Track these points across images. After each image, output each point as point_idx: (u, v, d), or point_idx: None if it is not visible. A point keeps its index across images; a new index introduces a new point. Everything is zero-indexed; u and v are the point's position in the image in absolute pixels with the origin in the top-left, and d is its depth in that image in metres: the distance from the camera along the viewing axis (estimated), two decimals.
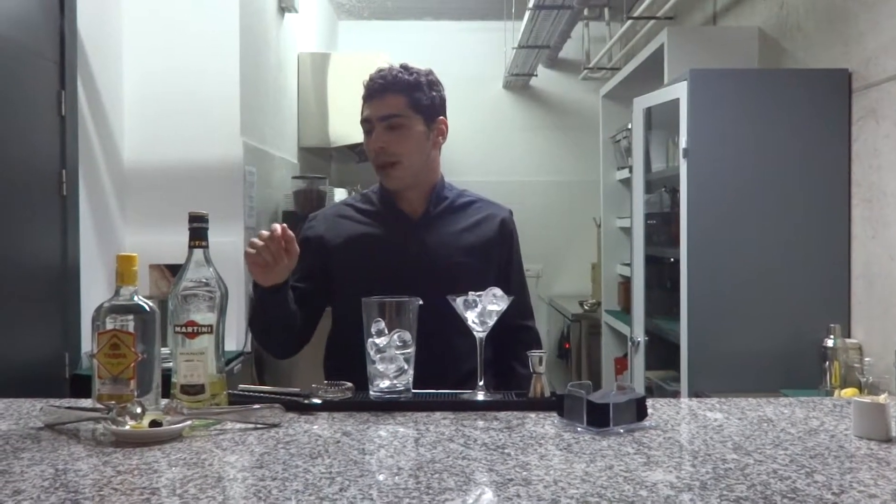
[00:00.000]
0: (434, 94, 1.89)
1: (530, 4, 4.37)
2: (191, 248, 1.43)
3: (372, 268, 1.86)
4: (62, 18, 2.83)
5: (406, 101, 1.84)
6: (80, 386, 2.75)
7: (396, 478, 1.08)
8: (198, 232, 1.44)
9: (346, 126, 4.52)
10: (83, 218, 2.94)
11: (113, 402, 1.31)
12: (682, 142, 2.97)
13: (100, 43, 3.13)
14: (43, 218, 2.73)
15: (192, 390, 1.37)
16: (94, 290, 2.96)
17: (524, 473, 1.09)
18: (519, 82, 5.98)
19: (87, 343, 2.90)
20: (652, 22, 4.46)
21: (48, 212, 2.75)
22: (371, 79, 1.87)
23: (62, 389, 2.78)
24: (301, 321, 1.84)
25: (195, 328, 1.37)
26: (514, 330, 1.93)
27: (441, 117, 1.92)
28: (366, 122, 1.87)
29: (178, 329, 1.38)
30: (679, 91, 3.02)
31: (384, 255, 1.87)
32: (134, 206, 3.33)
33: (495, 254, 1.94)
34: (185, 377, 1.37)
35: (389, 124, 1.83)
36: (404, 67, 1.88)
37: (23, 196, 2.60)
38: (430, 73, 1.92)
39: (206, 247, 1.44)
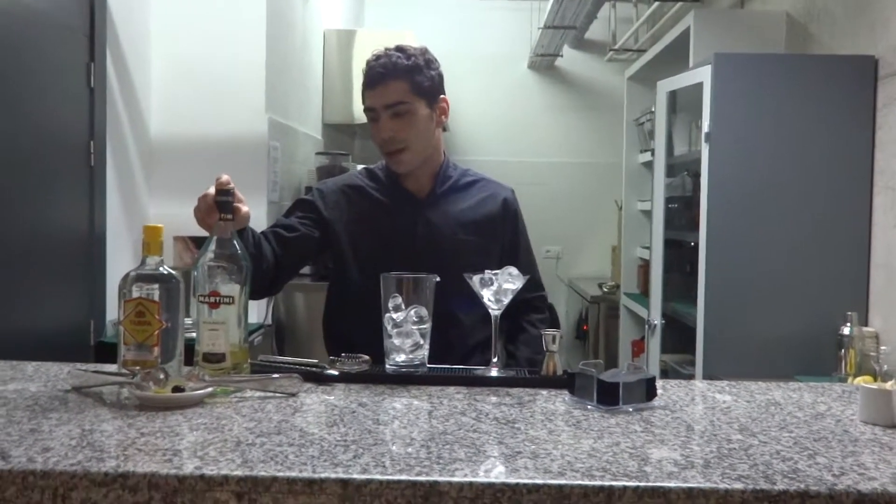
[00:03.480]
0: (433, 73, 1.90)
1: None
2: (218, 220, 1.47)
3: (379, 245, 1.89)
4: None
5: (408, 86, 1.85)
6: (105, 353, 2.81)
7: (409, 448, 1.11)
8: (223, 206, 1.48)
9: None
10: (110, 189, 3.00)
11: (137, 367, 1.36)
12: (705, 126, 2.97)
13: (129, 17, 3.17)
14: (71, 188, 2.78)
15: (214, 358, 1.41)
16: (119, 260, 3.01)
17: (532, 447, 1.12)
18: (544, 63, 5.96)
19: (112, 311, 2.96)
20: (679, 4, 4.43)
21: (76, 182, 2.81)
22: (370, 66, 1.86)
23: (87, 356, 2.84)
24: (272, 265, 1.80)
25: (218, 298, 1.41)
26: (525, 301, 1.96)
27: (442, 96, 1.94)
28: (370, 111, 1.88)
29: (202, 299, 1.42)
30: (703, 75, 3.01)
31: (392, 233, 1.90)
32: (160, 179, 3.38)
33: (499, 231, 1.98)
34: (208, 346, 1.41)
35: (395, 111, 1.84)
36: (400, 50, 1.87)
37: (52, 166, 2.65)
38: (426, 51, 1.92)
39: (232, 220, 1.48)
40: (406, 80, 1.84)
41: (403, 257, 1.73)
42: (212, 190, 1.55)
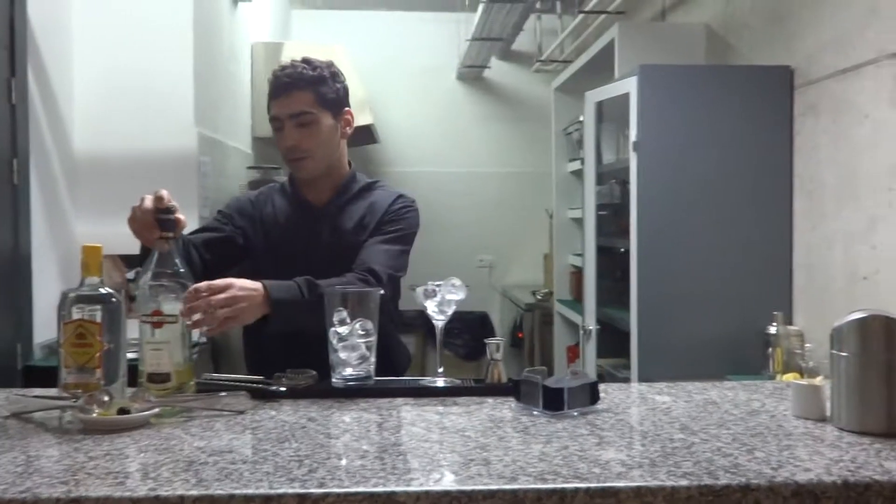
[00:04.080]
0: (338, 85, 1.95)
1: None
2: (157, 239, 1.46)
3: (279, 254, 1.93)
4: (12, 4, 2.79)
5: (313, 96, 1.89)
6: (34, 377, 2.72)
7: (363, 460, 1.12)
8: (165, 224, 1.46)
9: None
10: (34, 207, 2.91)
11: (80, 390, 1.33)
12: (633, 135, 3.05)
13: (50, 29, 3.09)
14: None
15: (159, 378, 1.40)
16: (45, 281, 2.93)
17: (484, 454, 1.15)
18: (472, 74, 6.03)
19: (39, 334, 2.87)
20: (603, 16, 4.54)
21: (0, 201, 2.72)
22: (276, 76, 1.91)
23: (14, 381, 2.75)
24: (200, 271, 1.80)
25: (161, 318, 1.39)
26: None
27: (347, 108, 1.98)
28: (275, 120, 1.92)
29: (144, 319, 1.40)
30: (629, 86, 3.09)
31: (289, 242, 1.94)
32: (86, 196, 3.29)
33: (374, 227, 1.96)
34: (152, 366, 1.40)
35: (299, 121, 1.89)
36: (307, 62, 1.92)
37: None
38: (331, 64, 1.97)
39: (172, 238, 1.46)
40: (311, 91, 1.89)
41: (301, 263, 1.77)
42: (148, 202, 1.54)
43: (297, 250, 1.92)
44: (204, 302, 1.47)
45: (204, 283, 1.49)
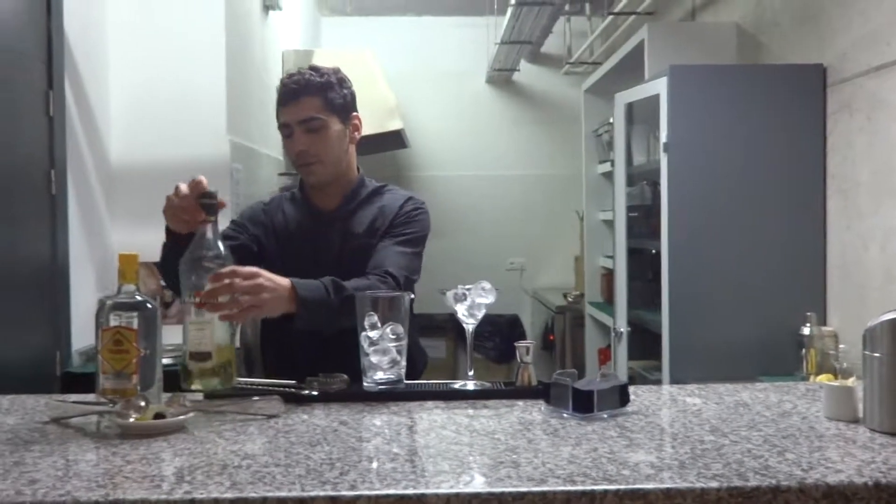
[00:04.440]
0: (345, 91, 1.97)
1: (513, 0, 4.42)
2: (200, 223, 1.52)
3: (292, 261, 1.94)
4: (48, 18, 2.85)
5: (321, 102, 1.92)
6: (72, 383, 2.78)
7: (393, 463, 1.13)
8: (207, 208, 1.52)
9: None
10: (72, 217, 2.97)
11: (116, 396, 1.36)
12: (663, 136, 3.04)
13: (86, 43, 3.15)
14: (32, 217, 2.75)
15: (200, 357, 1.45)
16: (83, 289, 2.99)
17: (513, 457, 1.15)
18: (501, 77, 6.04)
19: (77, 341, 2.93)
20: (632, 17, 4.52)
21: (38, 211, 2.78)
22: (284, 84, 1.95)
23: (53, 387, 2.81)
24: None
25: (215, 311, 1.45)
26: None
27: (354, 113, 2.01)
28: (284, 127, 1.94)
29: (187, 299, 1.45)
30: (659, 87, 3.08)
31: (301, 248, 1.96)
32: (122, 205, 3.36)
33: (386, 229, 1.96)
34: (194, 344, 1.45)
35: (308, 127, 1.91)
36: (314, 69, 1.96)
37: (12, 196, 2.63)
38: (338, 71, 2.00)
39: (215, 222, 1.53)
40: (319, 97, 1.92)
41: (312, 270, 1.77)
42: (184, 188, 1.58)
43: (308, 256, 1.94)
44: (227, 287, 1.48)
45: (229, 268, 1.50)
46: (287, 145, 1.97)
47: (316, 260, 1.93)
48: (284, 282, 1.62)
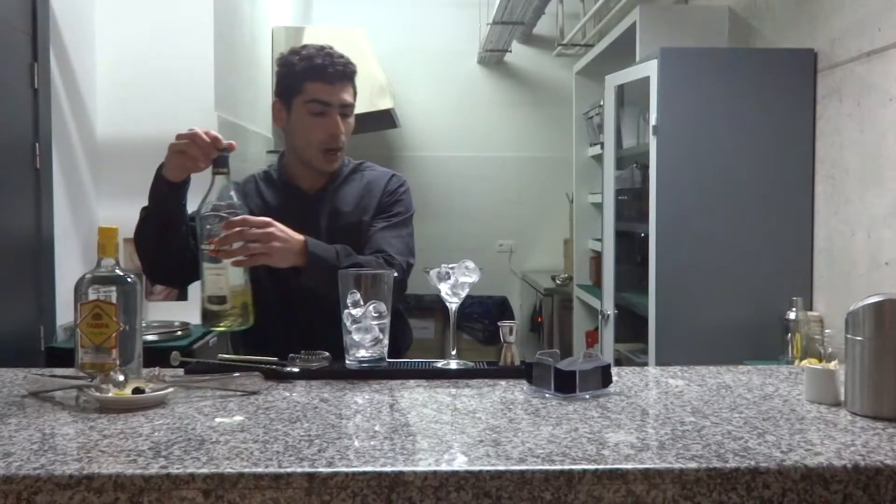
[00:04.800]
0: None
1: None
2: (214, 174, 1.59)
3: None
4: None
5: (353, 90, 1.92)
6: (56, 358, 2.77)
7: (373, 440, 1.13)
8: (220, 160, 1.59)
9: None
10: (56, 191, 2.94)
11: (95, 370, 1.35)
12: (653, 119, 3.03)
13: (72, 15, 3.11)
14: (17, 191, 2.73)
15: (217, 300, 1.55)
16: (68, 264, 2.96)
17: (494, 436, 1.15)
18: (493, 58, 6.00)
19: (61, 316, 2.91)
20: None
21: (22, 185, 2.75)
22: (329, 61, 1.85)
23: (37, 362, 2.79)
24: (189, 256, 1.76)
25: (226, 257, 1.53)
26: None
27: None
28: (321, 104, 1.85)
29: (203, 246, 1.52)
30: (650, 69, 3.07)
31: None
32: (107, 180, 3.33)
33: (374, 210, 1.94)
34: (210, 289, 1.55)
35: (344, 112, 1.88)
36: (340, 54, 1.90)
37: None
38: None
39: (228, 173, 1.59)
40: (352, 85, 1.91)
41: None
42: (203, 135, 1.62)
43: None
44: (238, 234, 1.54)
45: (241, 217, 1.56)
46: (316, 124, 1.86)
47: None
48: (297, 236, 1.66)
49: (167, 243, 1.75)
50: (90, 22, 3.30)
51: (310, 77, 1.85)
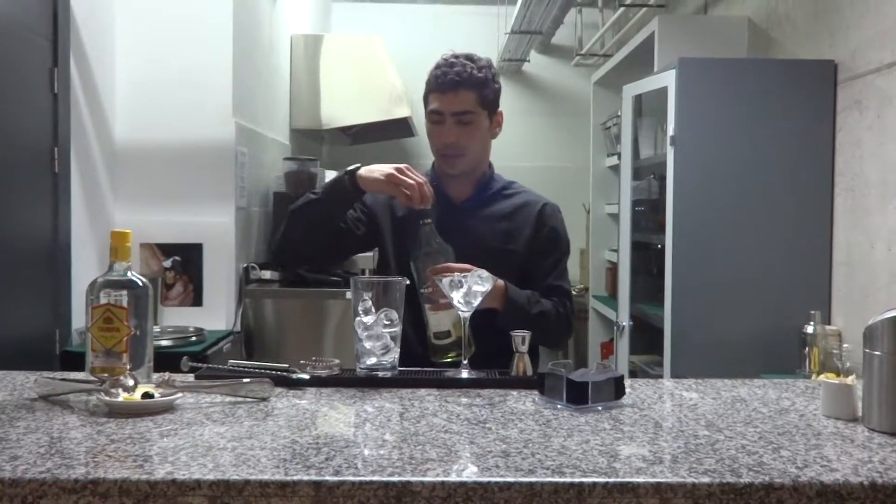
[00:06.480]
0: (496, 86, 1.99)
1: None
2: (421, 224, 1.79)
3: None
4: None
5: (476, 97, 1.92)
6: (71, 362, 2.77)
7: (381, 449, 1.12)
8: (427, 213, 1.79)
9: (338, 108, 4.53)
10: (74, 195, 2.96)
11: (106, 374, 1.35)
12: (670, 129, 3.01)
13: (93, 21, 3.13)
14: (35, 195, 2.74)
15: (442, 335, 1.72)
16: (84, 268, 2.98)
17: (503, 446, 1.14)
18: (511, 67, 5.99)
19: (77, 320, 2.92)
20: (644, 9, 4.48)
21: (40, 189, 2.77)
22: (444, 71, 1.93)
23: (52, 365, 2.80)
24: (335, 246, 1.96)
25: (442, 298, 1.65)
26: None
27: (499, 109, 2.02)
28: (437, 114, 1.93)
29: (422, 290, 1.72)
30: (668, 79, 3.05)
31: None
32: (125, 185, 3.34)
33: (525, 241, 1.97)
34: (434, 326, 1.73)
35: (461, 120, 1.91)
36: (471, 59, 1.95)
37: (15, 173, 2.62)
38: (491, 65, 2.00)
39: (432, 223, 1.79)
40: (475, 91, 1.92)
41: None
42: (424, 181, 1.80)
43: None
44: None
45: (443, 265, 1.69)
46: (434, 132, 1.96)
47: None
48: (498, 281, 1.73)
49: (319, 230, 1.89)
50: (110, 28, 3.32)
51: (430, 88, 1.96)
